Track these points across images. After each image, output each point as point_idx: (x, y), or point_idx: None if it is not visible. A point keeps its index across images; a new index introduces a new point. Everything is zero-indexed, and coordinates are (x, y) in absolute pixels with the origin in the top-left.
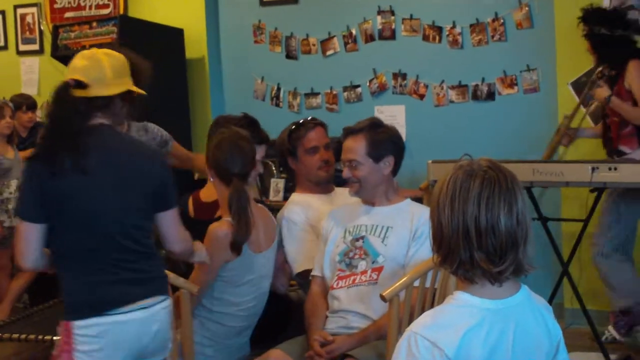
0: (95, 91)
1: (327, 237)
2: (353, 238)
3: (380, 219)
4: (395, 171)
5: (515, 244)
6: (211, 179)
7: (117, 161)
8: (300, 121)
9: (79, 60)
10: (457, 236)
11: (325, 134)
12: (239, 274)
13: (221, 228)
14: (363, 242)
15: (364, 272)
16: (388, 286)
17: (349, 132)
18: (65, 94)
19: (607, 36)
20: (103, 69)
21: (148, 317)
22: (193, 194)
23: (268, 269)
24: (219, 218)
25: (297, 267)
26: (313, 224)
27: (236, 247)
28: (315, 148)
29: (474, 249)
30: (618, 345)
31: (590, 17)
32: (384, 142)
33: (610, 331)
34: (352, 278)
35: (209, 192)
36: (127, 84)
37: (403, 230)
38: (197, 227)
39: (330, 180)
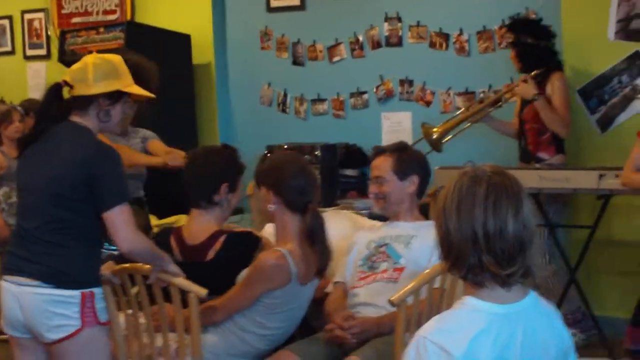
0: (78, 91)
1: (351, 248)
2: (377, 245)
3: (405, 230)
4: (420, 193)
5: (523, 247)
6: (272, 207)
7: (50, 153)
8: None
9: (75, 65)
10: (465, 241)
11: None
12: (282, 302)
13: (271, 257)
14: (386, 248)
15: (384, 271)
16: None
17: (378, 151)
18: (50, 91)
19: (532, 45)
20: (86, 71)
21: (18, 293)
22: (175, 234)
23: (309, 300)
24: (212, 261)
25: None
26: None
27: (321, 274)
28: None
29: (482, 253)
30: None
31: (518, 26)
32: (410, 162)
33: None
34: (372, 277)
35: (194, 231)
36: (114, 85)
37: (427, 240)
38: (186, 270)
39: None
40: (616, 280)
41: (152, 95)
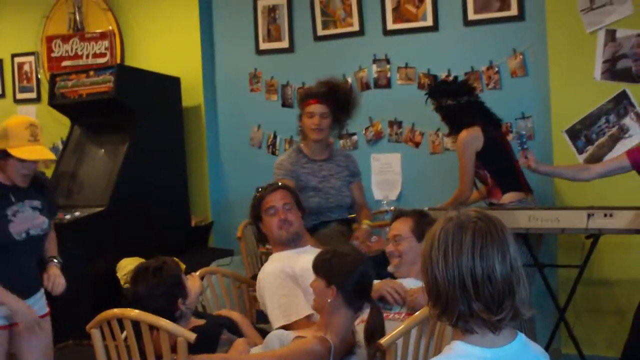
0: None
1: None
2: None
3: (415, 284)
4: None
5: (511, 290)
6: (330, 300)
7: None
8: (264, 186)
9: None
10: (453, 289)
11: (288, 195)
12: None
13: (320, 345)
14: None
15: (398, 313)
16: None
17: (399, 214)
18: None
19: (454, 106)
20: None
21: None
22: None
23: None
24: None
25: (286, 318)
26: (290, 273)
27: None
28: (272, 208)
29: (472, 300)
30: None
31: (436, 92)
32: (430, 225)
33: None
34: (384, 314)
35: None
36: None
37: None
38: None
39: (296, 238)
40: (605, 320)
41: (36, 158)
